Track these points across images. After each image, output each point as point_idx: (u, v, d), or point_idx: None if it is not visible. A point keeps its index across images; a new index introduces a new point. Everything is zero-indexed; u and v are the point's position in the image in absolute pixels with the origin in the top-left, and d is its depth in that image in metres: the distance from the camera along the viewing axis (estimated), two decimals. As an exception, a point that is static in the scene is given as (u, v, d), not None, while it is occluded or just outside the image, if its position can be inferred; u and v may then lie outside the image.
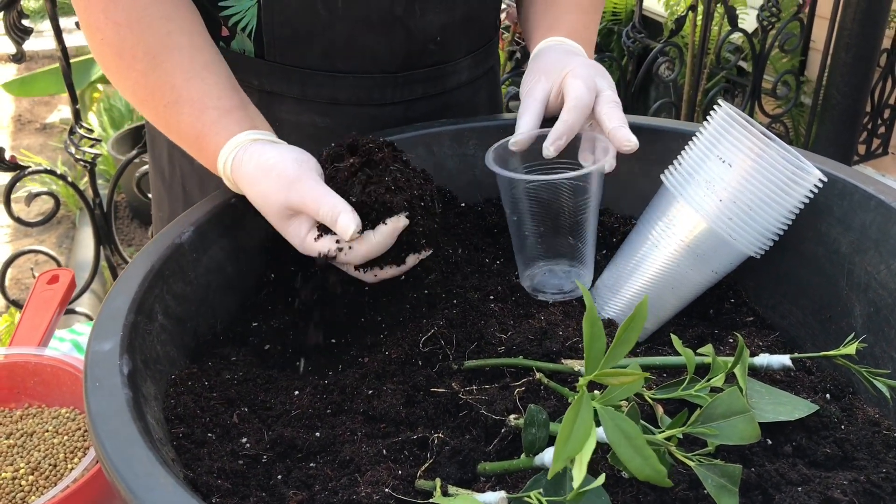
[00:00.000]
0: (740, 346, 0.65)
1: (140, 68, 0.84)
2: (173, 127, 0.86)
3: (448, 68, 1.05)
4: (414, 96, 1.03)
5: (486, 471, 0.65)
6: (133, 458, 0.56)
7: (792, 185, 0.78)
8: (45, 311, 0.98)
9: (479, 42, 1.09)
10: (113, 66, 0.86)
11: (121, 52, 0.84)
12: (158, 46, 0.84)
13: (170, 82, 0.84)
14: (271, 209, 0.79)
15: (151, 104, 0.85)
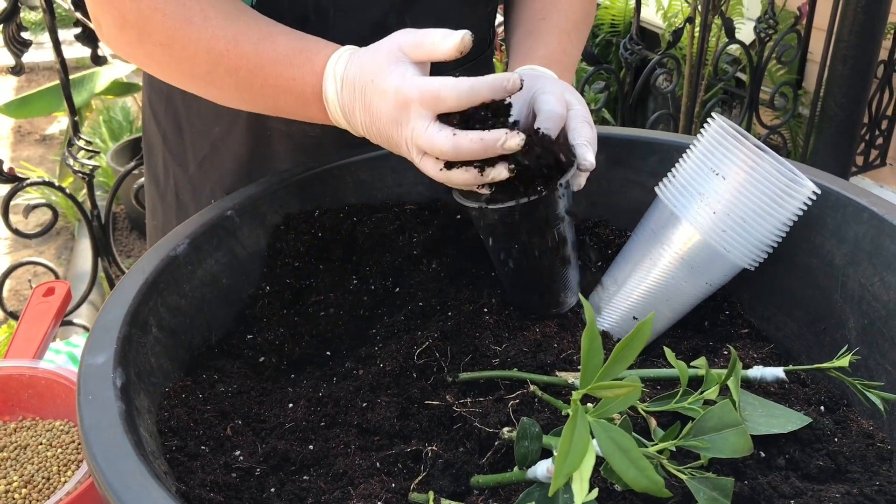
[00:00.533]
0: (733, 358, 0.65)
1: (216, 24, 0.81)
2: (267, 56, 0.81)
3: None
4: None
5: (479, 484, 0.65)
6: (125, 471, 0.56)
7: (786, 197, 0.79)
8: (40, 324, 0.98)
9: (473, 54, 1.09)
10: (180, 33, 0.82)
11: (189, 18, 0.81)
12: (229, 6, 0.83)
13: (256, 26, 0.82)
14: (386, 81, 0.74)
15: (235, 51, 0.81)
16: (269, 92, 0.83)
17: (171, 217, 1.10)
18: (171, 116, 1.07)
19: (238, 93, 0.85)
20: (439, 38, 0.75)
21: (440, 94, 0.72)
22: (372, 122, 0.78)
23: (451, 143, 0.72)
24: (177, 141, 1.07)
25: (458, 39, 0.74)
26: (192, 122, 1.05)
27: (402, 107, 0.74)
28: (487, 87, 0.72)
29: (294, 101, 0.83)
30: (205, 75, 0.84)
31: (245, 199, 0.87)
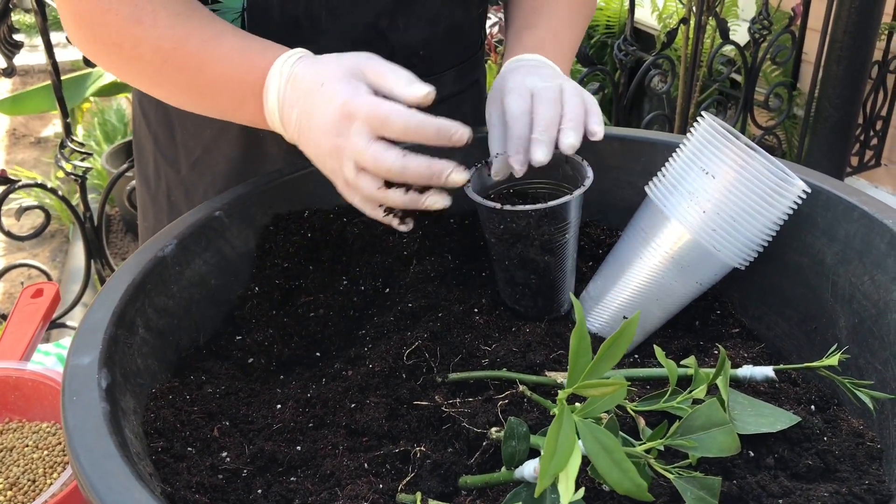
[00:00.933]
0: (722, 357, 0.65)
1: (166, 24, 0.82)
2: (212, 55, 0.82)
3: (431, 81, 1.04)
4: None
5: (467, 484, 0.64)
6: (108, 473, 0.55)
7: (776, 196, 0.78)
8: (28, 325, 0.97)
9: (464, 55, 1.09)
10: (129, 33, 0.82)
11: (139, 18, 0.82)
12: (180, 7, 0.83)
13: (204, 27, 0.83)
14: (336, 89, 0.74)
15: (182, 51, 0.82)
16: (210, 91, 0.83)
17: (162, 218, 1.10)
18: (162, 118, 1.06)
19: (184, 93, 0.85)
20: (404, 83, 0.75)
21: (388, 119, 0.72)
22: (309, 127, 0.77)
23: (401, 163, 0.72)
24: (168, 143, 1.07)
25: (422, 94, 0.74)
26: (184, 124, 1.04)
27: (346, 118, 0.73)
28: (434, 131, 0.72)
29: (231, 98, 0.82)
30: (153, 75, 0.85)
31: (234, 200, 0.87)
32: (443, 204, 0.76)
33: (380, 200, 0.76)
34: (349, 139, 0.73)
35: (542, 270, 0.84)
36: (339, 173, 0.76)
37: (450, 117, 1.09)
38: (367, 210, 0.78)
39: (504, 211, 0.80)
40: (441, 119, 0.73)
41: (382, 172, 0.73)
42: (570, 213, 0.82)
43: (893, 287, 0.74)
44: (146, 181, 1.12)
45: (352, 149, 0.73)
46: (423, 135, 0.73)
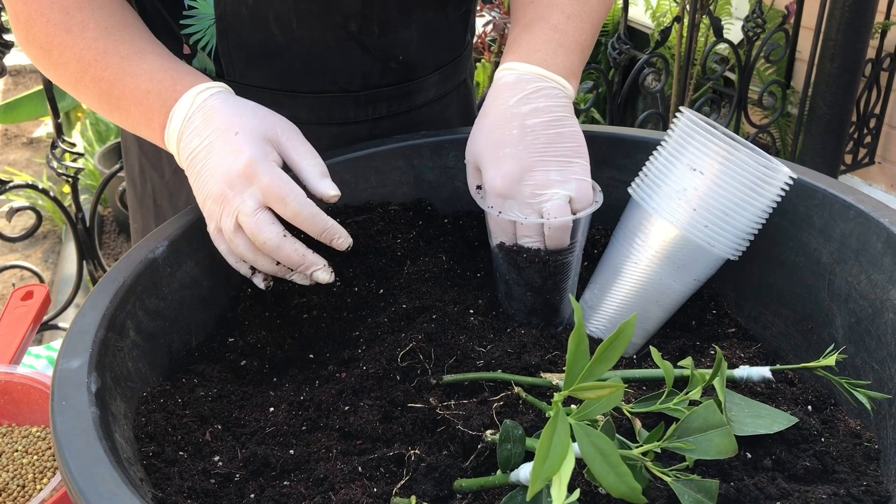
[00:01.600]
0: (718, 358, 0.64)
1: (92, 36, 0.83)
2: (130, 70, 0.82)
3: (414, 86, 1.03)
4: (379, 115, 1.02)
5: (462, 488, 0.64)
6: (98, 479, 0.55)
7: (763, 185, 0.78)
8: (17, 328, 0.97)
9: (447, 58, 1.07)
10: (57, 40, 0.84)
11: (69, 27, 0.83)
12: (111, 21, 0.84)
13: (130, 41, 0.84)
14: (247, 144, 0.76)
15: (102, 63, 0.83)
16: (123, 104, 0.83)
17: (149, 221, 1.09)
18: None
19: (99, 104, 0.86)
20: (318, 174, 0.79)
21: (285, 199, 0.75)
22: (204, 163, 0.77)
23: (276, 243, 0.76)
24: (151, 148, 1.06)
25: (331, 194, 0.79)
26: None
27: (245, 177, 0.75)
28: (321, 228, 0.77)
29: (141, 114, 0.82)
30: (74, 84, 0.86)
31: (226, 201, 0.86)
32: (308, 283, 0.80)
33: (249, 261, 0.79)
34: (239, 197, 0.75)
35: (540, 288, 0.83)
36: (214, 218, 0.78)
37: (436, 120, 1.10)
38: (230, 261, 0.80)
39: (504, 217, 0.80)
40: (330, 220, 0.77)
41: (257, 243, 0.76)
42: (576, 233, 0.81)
43: (890, 286, 0.74)
44: (133, 183, 1.12)
45: (238, 207, 0.75)
46: (309, 227, 0.77)
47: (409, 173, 0.98)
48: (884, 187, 3.23)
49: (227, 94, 0.81)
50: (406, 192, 0.98)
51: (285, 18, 0.92)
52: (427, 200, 0.98)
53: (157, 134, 0.82)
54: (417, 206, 0.97)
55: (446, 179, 0.99)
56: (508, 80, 0.84)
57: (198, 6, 0.92)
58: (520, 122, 0.80)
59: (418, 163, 0.98)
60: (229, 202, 0.76)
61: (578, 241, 0.82)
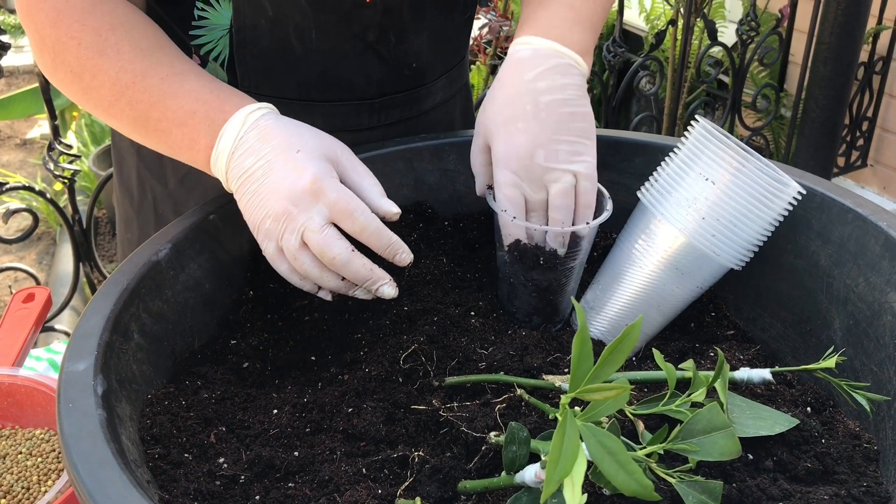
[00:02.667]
0: (720, 360, 0.65)
1: (128, 58, 0.81)
2: (171, 91, 0.81)
3: (423, 91, 1.04)
4: (391, 120, 1.02)
5: (466, 489, 0.64)
6: (106, 481, 0.55)
7: (772, 198, 0.79)
8: (19, 330, 0.97)
9: (452, 62, 1.09)
10: (91, 63, 0.82)
11: (103, 50, 0.81)
12: (146, 43, 0.83)
13: (168, 63, 0.82)
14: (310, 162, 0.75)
15: (141, 85, 0.81)
16: (163, 126, 0.81)
17: (148, 230, 1.08)
18: None
19: (134, 126, 0.84)
20: (378, 193, 0.79)
21: (353, 215, 0.75)
22: (263, 181, 0.76)
23: (346, 258, 0.75)
24: (153, 157, 1.05)
25: (393, 211, 0.79)
26: None
27: (312, 194, 0.74)
28: (386, 243, 0.77)
29: (184, 135, 0.81)
30: (108, 107, 0.83)
31: (228, 203, 0.86)
32: (370, 297, 0.80)
33: (314, 279, 0.78)
34: (306, 213, 0.74)
35: (544, 290, 0.84)
36: (275, 237, 0.76)
37: (441, 123, 1.10)
38: (294, 280, 0.79)
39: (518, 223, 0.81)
40: (394, 236, 0.78)
41: (326, 259, 0.75)
42: (582, 240, 0.82)
43: (888, 289, 0.75)
44: (129, 193, 1.10)
45: (305, 223, 0.74)
46: (375, 242, 0.77)
47: (409, 176, 0.98)
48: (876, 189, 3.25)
49: (277, 114, 0.80)
50: (406, 194, 0.98)
51: (305, 30, 0.92)
52: (427, 203, 0.98)
53: (200, 156, 0.81)
54: (418, 208, 0.98)
55: (447, 182, 0.99)
56: (524, 54, 0.84)
57: (209, 17, 0.91)
58: (534, 97, 0.81)
59: (418, 165, 0.99)
60: (294, 219, 0.75)
61: (584, 245, 0.83)
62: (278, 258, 0.78)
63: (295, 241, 0.75)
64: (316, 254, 0.75)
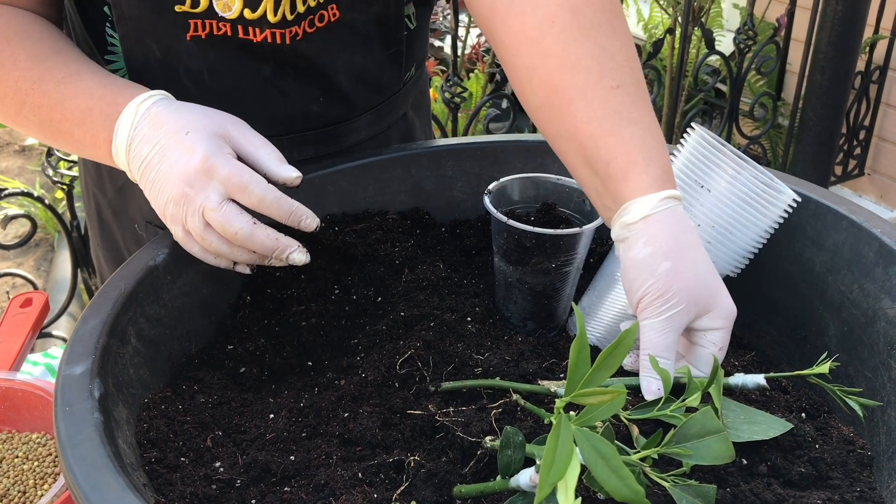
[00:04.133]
0: (715, 365, 0.65)
1: (25, 66, 0.82)
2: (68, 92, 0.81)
3: (343, 128, 1.00)
4: (305, 157, 0.98)
5: (461, 493, 0.64)
6: (102, 484, 0.55)
7: (767, 206, 0.79)
8: (17, 335, 0.97)
9: (377, 99, 1.02)
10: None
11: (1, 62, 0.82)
12: (41, 48, 0.83)
13: (63, 65, 0.82)
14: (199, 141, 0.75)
15: (39, 90, 0.81)
16: (65, 127, 0.82)
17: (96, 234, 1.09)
18: None
19: (41, 131, 0.85)
20: (275, 160, 0.78)
21: (248, 188, 0.75)
22: (159, 168, 0.77)
23: (248, 231, 0.76)
24: (93, 166, 1.06)
25: (292, 176, 0.78)
26: None
27: (204, 173, 0.75)
28: (287, 212, 0.77)
29: (85, 133, 0.81)
30: (14, 116, 0.85)
31: (226, 209, 0.87)
32: (285, 264, 0.80)
33: (225, 256, 0.78)
34: (202, 193, 0.75)
35: (539, 295, 0.84)
36: (179, 221, 0.77)
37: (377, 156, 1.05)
38: (209, 259, 0.80)
39: (514, 228, 0.81)
40: (295, 203, 0.77)
41: (228, 235, 0.76)
42: (578, 245, 0.83)
43: (882, 295, 0.75)
44: (84, 198, 1.12)
45: (202, 204, 0.75)
46: (275, 212, 0.77)
47: (407, 182, 0.99)
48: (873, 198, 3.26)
49: (169, 100, 0.81)
50: (404, 200, 0.98)
51: (196, 70, 0.91)
52: (424, 209, 0.99)
53: (103, 151, 0.81)
54: (415, 214, 0.98)
55: (444, 188, 1.00)
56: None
57: (118, 43, 0.90)
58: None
59: (416, 172, 0.99)
60: (192, 201, 0.75)
61: (580, 251, 0.83)
62: (188, 240, 0.78)
63: (198, 222, 0.76)
64: (219, 231, 0.76)
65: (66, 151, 0.89)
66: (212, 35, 0.88)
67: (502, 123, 2.87)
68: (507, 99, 2.32)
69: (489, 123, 2.26)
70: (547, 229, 0.81)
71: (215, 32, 0.88)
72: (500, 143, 1.00)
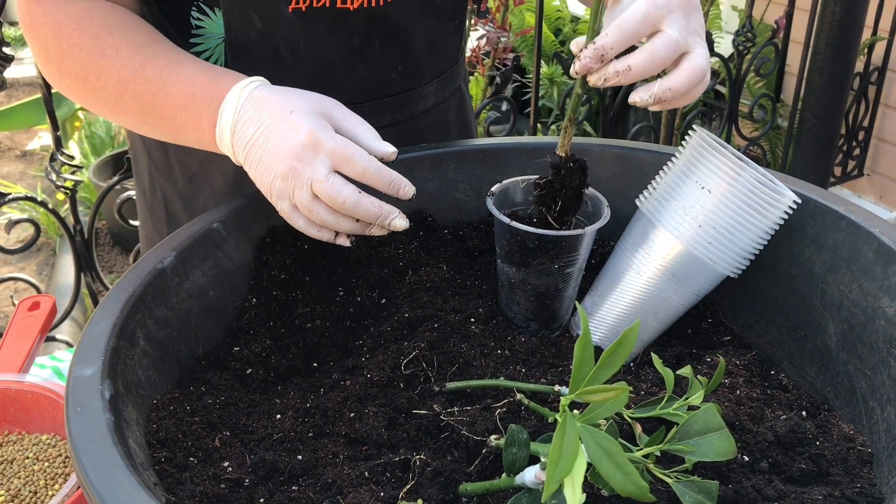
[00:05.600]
0: (721, 366, 0.66)
1: (127, 55, 0.86)
2: (171, 79, 0.85)
3: (414, 94, 1.08)
4: (382, 123, 1.04)
5: (467, 491, 0.65)
6: (115, 483, 0.56)
7: (768, 207, 0.80)
8: (25, 338, 0.98)
9: (443, 66, 1.12)
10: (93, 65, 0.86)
11: (102, 51, 0.86)
12: (141, 39, 0.87)
13: (164, 54, 0.86)
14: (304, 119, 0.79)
15: (141, 77, 0.85)
16: (167, 112, 0.86)
17: (161, 228, 1.12)
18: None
19: (142, 118, 0.88)
20: (373, 136, 0.82)
21: (352, 159, 0.78)
22: (265, 146, 0.80)
23: (355, 200, 0.79)
24: (162, 157, 1.09)
25: (389, 151, 0.82)
26: None
27: (311, 147, 0.78)
28: (388, 181, 0.80)
29: (188, 117, 0.85)
30: (114, 104, 0.88)
31: (231, 212, 0.88)
32: (386, 232, 0.83)
33: (331, 226, 0.82)
34: (310, 167, 0.78)
35: (542, 295, 0.85)
36: (286, 196, 0.80)
37: (436, 126, 1.12)
38: (312, 232, 0.83)
39: (516, 229, 0.82)
40: (394, 172, 0.81)
41: (336, 204, 0.79)
42: (580, 246, 0.83)
43: (881, 294, 0.76)
44: (143, 192, 1.14)
45: (310, 176, 0.78)
46: (377, 181, 0.80)
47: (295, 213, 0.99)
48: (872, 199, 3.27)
49: (269, 85, 0.84)
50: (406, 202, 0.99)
51: (293, 41, 0.96)
52: (427, 211, 1.00)
53: (206, 135, 0.84)
54: (418, 216, 0.99)
55: (446, 191, 1.01)
56: None
57: (205, 25, 0.95)
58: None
59: (419, 174, 1.00)
60: (300, 174, 0.78)
61: (583, 252, 0.84)
62: (294, 214, 0.81)
63: (306, 194, 0.79)
64: (327, 201, 0.79)
65: (162, 139, 0.93)
66: (312, 7, 0.94)
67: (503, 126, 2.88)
68: (507, 102, 2.33)
69: (489, 126, 2.27)
70: (549, 230, 0.82)
71: (315, 5, 0.94)
72: (501, 146, 1.01)
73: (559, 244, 0.82)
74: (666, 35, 0.76)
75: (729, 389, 0.76)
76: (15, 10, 4.02)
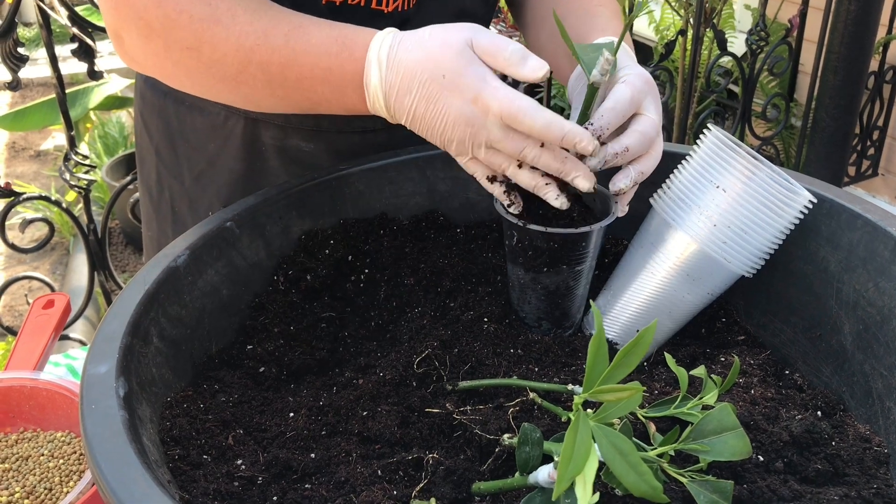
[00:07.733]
0: (735, 366, 0.66)
1: (245, 20, 0.80)
2: (300, 48, 0.80)
3: None
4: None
5: (480, 490, 0.65)
6: (129, 480, 0.56)
7: (783, 206, 0.79)
8: (40, 336, 0.98)
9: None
10: (208, 34, 0.80)
11: (216, 17, 0.80)
12: (256, 2, 0.82)
13: (286, 18, 0.81)
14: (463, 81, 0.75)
15: (266, 46, 0.80)
16: (304, 84, 0.81)
17: (166, 228, 1.11)
18: (164, 131, 1.07)
19: (270, 90, 0.83)
20: (518, 60, 0.76)
21: (518, 117, 0.74)
22: (433, 116, 0.77)
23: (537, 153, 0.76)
24: (170, 155, 1.08)
25: (540, 74, 0.76)
26: (187, 137, 1.05)
27: (479, 112, 0.75)
28: (560, 135, 0.74)
29: (331, 91, 0.81)
30: (236, 76, 0.82)
31: (244, 211, 0.88)
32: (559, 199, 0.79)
33: (510, 176, 0.79)
34: (483, 130, 0.76)
35: (553, 294, 0.85)
36: (466, 150, 0.78)
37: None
38: (486, 185, 0.81)
39: (524, 228, 0.82)
40: (568, 124, 0.74)
41: (522, 156, 0.76)
42: (589, 244, 0.83)
43: (897, 294, 0.75)
44: (149, 191, 1.13)
45: (488, 137, 0.76)
46: (548, 137, 0.74)
47: (422, 184, 0.99)
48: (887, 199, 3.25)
49: (401, 39, 0.79)
50: (419, 202, 0.99)
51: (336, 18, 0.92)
52: (439, 210, 1.00)
53: (355, 106, 0.82)
54: (430, 216, 0.99)
55: (458, 190, 1.01)
56: None
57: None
58: None
59: (431, 174, 1.00)
60: (476, 136, 0.76)
61: (592, 249, 0.84)
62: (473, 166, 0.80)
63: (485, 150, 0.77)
64: (511, 155, 0.77)
65: (293, 111, 0.88)
66: (346, 3, 0.91)
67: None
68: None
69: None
70: (558, 228, 0.81)
71: (350, 2, 0.91)
72: (514, 145, 1.01)
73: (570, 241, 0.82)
74: (647, 118, 0.80)
75: (743, 389, 0.76)
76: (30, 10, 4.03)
